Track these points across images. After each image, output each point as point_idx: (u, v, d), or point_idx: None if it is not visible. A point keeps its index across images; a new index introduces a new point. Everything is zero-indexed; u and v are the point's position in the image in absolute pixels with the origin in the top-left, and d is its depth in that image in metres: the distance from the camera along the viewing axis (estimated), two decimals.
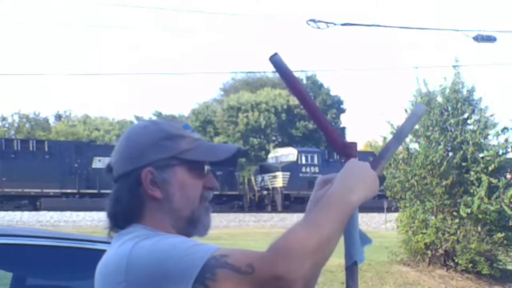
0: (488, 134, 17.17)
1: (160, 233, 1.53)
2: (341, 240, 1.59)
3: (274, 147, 45.34)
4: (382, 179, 1.67)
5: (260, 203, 33.22)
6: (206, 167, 1.65)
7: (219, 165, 1.71)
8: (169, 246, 1.43)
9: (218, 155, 1.63)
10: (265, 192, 33.35)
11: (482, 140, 17.01)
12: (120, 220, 1.61)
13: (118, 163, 1.63)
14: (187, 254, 1.41)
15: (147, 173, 1.58)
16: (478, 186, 16.51)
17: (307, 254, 1.38)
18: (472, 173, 16.74)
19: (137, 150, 1.61)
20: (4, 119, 46.80)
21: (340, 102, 54.51)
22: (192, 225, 1.61)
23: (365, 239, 1.57)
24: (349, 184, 1.52)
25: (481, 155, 16.95)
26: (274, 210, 32.03)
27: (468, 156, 16.75)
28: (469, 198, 16.48)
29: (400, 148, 15.98)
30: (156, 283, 1.40)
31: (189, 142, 1.62)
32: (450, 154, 16.99)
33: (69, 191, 29.25)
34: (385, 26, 22.72)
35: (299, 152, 33.71)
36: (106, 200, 1.64)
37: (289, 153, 34.20)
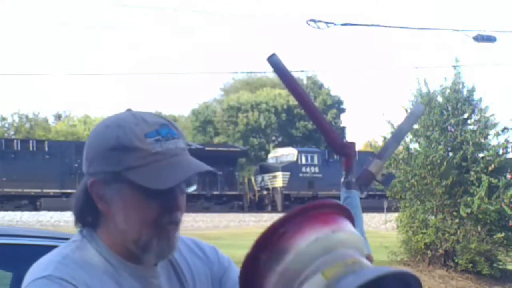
0: (488, 134, 17.19)
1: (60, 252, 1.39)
2: None
3: (274, 147, 45.31)
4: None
5: (260, 203, 33.20)
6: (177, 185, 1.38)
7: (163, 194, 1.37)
8: (29, 274, 1.35)
9: (161, 182, 1.33)
10: (265, 192, 33.33)
11: (482, 140, 17.03)
12: (76, 219, 1.44)
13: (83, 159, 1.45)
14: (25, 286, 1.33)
15: (93, 184, 1.38)
16: (478, 186, 16.52)
17: None
18: (472, 173, 16.75)
19: (89, 154, 1.40)
20: (3, 119, 46.75)
21: (340, 102, 54.51)
22: (140, 249, 1.38)
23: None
24: None
25: (481, 155, 16.96)
26: (274, 210, 31.99)
27: (468, 156, 16.76)
28: (469, 198, 16.48)
29: (400, 148, 16.00)
30: None
31: (139, 158, 1.34)
32: (450, 154, 17.00)
33: (69, 191, 29.13)
34: (385, 26, 22.76)
35: (299, 152, 33.71)
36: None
37: (289, 153, 34.19)
